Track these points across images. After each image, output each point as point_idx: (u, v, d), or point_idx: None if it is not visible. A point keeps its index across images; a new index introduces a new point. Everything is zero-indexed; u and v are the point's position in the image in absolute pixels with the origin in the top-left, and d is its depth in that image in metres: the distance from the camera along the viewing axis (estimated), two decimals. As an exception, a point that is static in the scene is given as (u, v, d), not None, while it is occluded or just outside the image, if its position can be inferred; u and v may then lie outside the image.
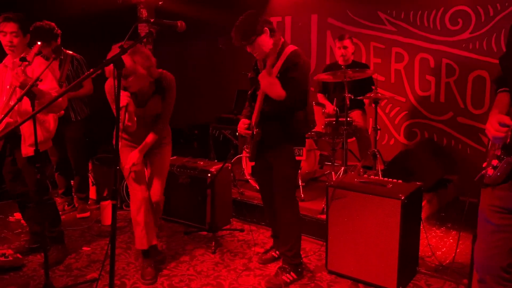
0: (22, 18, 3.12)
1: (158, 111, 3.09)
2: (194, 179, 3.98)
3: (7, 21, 3.05)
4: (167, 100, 3.08)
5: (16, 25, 3.06)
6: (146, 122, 3.09)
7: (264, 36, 2.84)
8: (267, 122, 2.93)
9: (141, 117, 3.04)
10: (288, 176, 3.01)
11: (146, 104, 3.04)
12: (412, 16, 4.97)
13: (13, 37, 3.07)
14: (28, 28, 3.20)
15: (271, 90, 2.78)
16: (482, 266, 2.01)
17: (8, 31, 3.06)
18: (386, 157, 4.51)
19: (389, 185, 3.02)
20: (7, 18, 3.06)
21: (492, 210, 1.92)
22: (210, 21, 6.22)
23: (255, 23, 2.81)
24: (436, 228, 3.95)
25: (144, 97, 3.03)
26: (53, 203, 3.41)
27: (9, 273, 3.14)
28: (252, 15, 2.87)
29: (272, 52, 2.81)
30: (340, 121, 4.11)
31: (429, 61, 4.93)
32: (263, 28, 2.83)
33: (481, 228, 2.00)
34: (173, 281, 3.07)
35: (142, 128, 3.07)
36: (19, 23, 3.07)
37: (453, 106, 4.82)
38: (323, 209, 3.74)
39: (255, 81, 3.00)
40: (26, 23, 3.17)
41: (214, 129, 5.78)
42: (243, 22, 2.84)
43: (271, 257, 3.34)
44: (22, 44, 3.14)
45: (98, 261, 3.36)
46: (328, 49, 5.64)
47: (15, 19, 3.07)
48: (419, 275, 3.10)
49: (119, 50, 2.00)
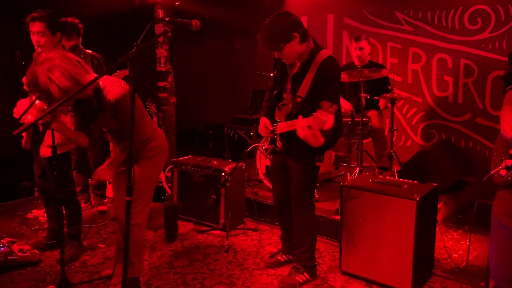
0: (50, 16, 3.12)
1: (114, 127, 2.65)
2: (208, 178, 4.00)
3: (33, 21, 3.09)
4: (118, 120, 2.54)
5: (42, 24, 3.09)
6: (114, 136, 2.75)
7: (293, 42, 2.60)
8: (296, 140, 2.59)
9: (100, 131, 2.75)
10: (307, 180, 2.90)
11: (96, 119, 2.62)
12: (430, 15, 4.91)
13: (40, 37, 3.11)
14: (58, 27, 3.19)
15: (309, 142, 2.48)
16: (499, 273, 1.95)
17: (35, 31, 3.10)
18: (402, 159, 4.46)
19: (405, 186, 2.98)
20: (34, 18, 3.09)
21: (508, 215, 1.86)
22: (227, 21, 6.24)
23: (284, 29, 2.57)
24: (452, 230, 3.89)
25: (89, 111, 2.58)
26: (77, 202, 3.47)
27: (26, 268, 3.20)
28: (281, 17, 2.61)
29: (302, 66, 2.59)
30: (355, 121, 4.08)
31: (447, 61, 4.86)
32: (293, 34, 2.58)
33: (495, 233, 1.93)
34: (186, 279, 3.09)
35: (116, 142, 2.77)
36: (46, 22, 3.09)
37: (472, 107, 4.74)
38: (337, 210, 3.72)
39: (281, 82, 2.85)
40: (56, 21, 3.17)
41: (229, 129, 5.80)
42: (271, 26, 2.60)
43: (277, 261, 3.26)
44: (51, 43, 3.15)
45: (113, 258, 3.40)
46: (345, 49, 5.60)
47: (42, 19, 3.08)
48: (435, 277, 3.06)
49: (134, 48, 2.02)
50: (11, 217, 4.29)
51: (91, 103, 2.52)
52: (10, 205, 4.68)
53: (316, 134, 2.43)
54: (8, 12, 5.74)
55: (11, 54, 5.51)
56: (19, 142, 3.35)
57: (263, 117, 2.99)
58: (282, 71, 2.88)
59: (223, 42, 6.70)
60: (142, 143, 2.70)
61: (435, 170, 4.07)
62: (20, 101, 3.20)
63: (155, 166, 2.80)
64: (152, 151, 2.75)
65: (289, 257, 3.26)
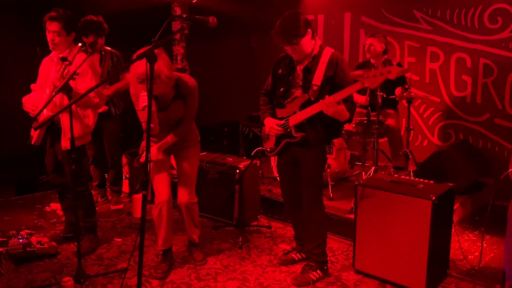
0: (67, 17, 3.20)
1: (181, 115, 3.09)
2: (222, 174, 4.02)
3: (51, 20, 3.17)
4: (188, 106, 3.08)
5: (59, 24, 3.17)
6: (170, 125, 3.09)
7: (307, 37, 2.76)
8: (312, 126, 2.86)
9: (164, 121, 3.05)
10: (317, 175, 2.98)
11: (168, 108, 3.05)
12: (449, 14, 4.85)
13: (55, 36, 3.19)
14: (74, 27, 3.28)
15: (339, 116, 2.74)
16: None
17: (51, 30, 3.18)
18: (418, 159, 4.41)
19: (420, 185, 2.95)
20: (51, 17, 3.18)
21: None
22: (243, 19, 6.26)
23: (300, 24, 2.72)
24: (469, 231, 3.84)
25: (166, 101, 3.04)
26: (90, 195, 3.53)
27: (44, 260, 3.27)
28: (296, 15, 2.77)
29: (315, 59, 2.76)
30: (371, 120, 4.05)
31: (466, 61, 4.79)
32: (307, 30, 2.75)
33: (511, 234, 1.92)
34: (200, 274, 3.11)
35: (166, 132, 3.08)
36: (62, 22, 3.17)
37: (490, 107, 4.66)
38: (351, 209, 3.70)
39: (287, 79, 2.94)
40: (72, 21, 3.25)
41: (244, 127, 5.81)
42: (287, 22, 2.74)
43: (290, 258, 3.28)
44: (65, 43, 3.24)
45: (128, 252, 3.45)
46: (361, 47, 5.57)
47: (59, 19, 3.16)
48: (450, 278, 3.03)
49: (152, 45, 2.05)
50: (30, 210, 4.39)
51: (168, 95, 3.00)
52: (29, 198, 4.79)
53: (343, 108, 2.70)
54: (28, 9, 5.85)
55: (32, 50, 5.64)
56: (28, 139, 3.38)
57: (268, 118, 3.05)
58: (289, 68, 2.96)
59: (239, 39, 6.71)
60: (192, 132, 3.24)
61: (452, 171, 4.01)
62: (25, 97, 3.25)
63: (195, 153, 3.29)
64: (191, 141, 3.24)
65: (303, 255, 3.27)
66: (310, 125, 2.86)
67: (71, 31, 3.25)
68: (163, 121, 3.05)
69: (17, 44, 5.99)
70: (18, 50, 6.00)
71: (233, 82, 6.95)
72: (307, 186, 2.98)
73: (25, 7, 5.82)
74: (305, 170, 2.96)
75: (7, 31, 5.91)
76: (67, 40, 3.24)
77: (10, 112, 5.88)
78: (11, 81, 5.90)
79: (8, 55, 5.92)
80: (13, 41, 5.94)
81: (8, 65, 5.92)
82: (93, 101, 3.16)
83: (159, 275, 3.05)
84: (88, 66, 3.18)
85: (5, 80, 5.88)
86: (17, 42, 5.99)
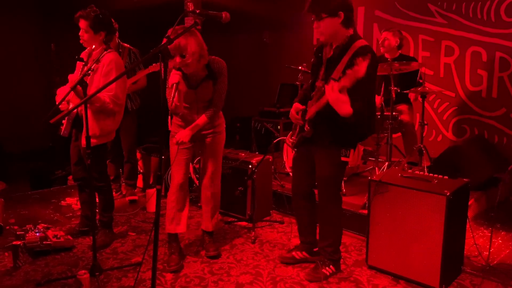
0: (94, 16, 3.25)
1: (210, 96, 3.12)
2: (235, 170, 4.04)
3: (80, 17, 3.27)
4: (218, 86, 3.10)
5: (86, 22, 3.25)
6: (198, 107, 3.14)
7: (336, 19, 2.60)
8: (321, 121, 2.79)
9: (193, 101, 3.10)
10: (333, 175, 2.90)
11: (198, 87, 3.08)
12: (464, 7, 4.78)
13: (84, 33, 3.28)
14: (102, 26, 3.31)
15: (338, 107, 2.52)
16: None
17: (81, 27, 3.28)
18: (433, 154, 4.37)
19: (434, 181, 2.93)
20: (80, 15, 3.27)
21: None
22: (256, 15, 6.25)
23: (331, 1, 2.58)
24: (484, 228, 3.80)
25: (196, 80, 3.07)
26: (110, 190, 3.57)
27: (60, 253, 3.33)
28: None
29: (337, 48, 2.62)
30: (385, 115, 4.03)
31: (481, 55, 4.72)
32: (338, 12, 2.59)
33: None
34: (213, 268, 3.14)
35: (195, 115, 3.13)
36: (89, 20, 3.24)
37: (507, 101, 4.60)
38: (364, 204, 3.69)
39: (317, 70, 2.88)
40: (100, 20, 3.29)
41: (257, 122, 5.82)
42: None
43: (291, 257, 3.20)
44: (94, 40, 3.29)
45: (143, 246, 3.49)
46: (375, 42, 5.52)
47: (86, 17, 3.25)
48: (464, 274, 3.00)
49: (166, 40, 2.06)
50: (46, 205, 4.46)
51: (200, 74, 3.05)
52: (45, 193, 4.86)
53: (344, 99, 2.47)
54: (44, 7, 5.93)
55: (47, 47, 5.72)
56: (54, 132, 3.45)
57: (296, 103, 2.99)
58: (318, 58, 2.92)
59: (251, 35, 6.71)
60: (220, 117, 3.29)
61: (466, 166, 3.97)
62: (60, 89, 3.30)
63: (222, 141, 3.33)
64: (219, 127, 3.29)
65: (304, 254, 3.20)
66: (318, 120, 2.80)
67: (99, 29, 3.30)
68: (192, 101, 3.10)
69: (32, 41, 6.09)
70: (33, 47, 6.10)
71: (246, 77, 6.95)
72: (321, 186, 2.94)
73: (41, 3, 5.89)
74: (320, 170, 2.92)
75: (23, 27, 6.00)
76: (96, 38, 3.30)
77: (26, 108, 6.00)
78: (26, 78, 6.00)
79: (23, 52, 6.02)
80: (28, 38, 6.03)
81: (23, 62, 6.02)
82: (107, 106, 3.17)
83: (172, 268, 3.08)
84: (115, 68, 3.22)
85: (20, 77, 5.98)
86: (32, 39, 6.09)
